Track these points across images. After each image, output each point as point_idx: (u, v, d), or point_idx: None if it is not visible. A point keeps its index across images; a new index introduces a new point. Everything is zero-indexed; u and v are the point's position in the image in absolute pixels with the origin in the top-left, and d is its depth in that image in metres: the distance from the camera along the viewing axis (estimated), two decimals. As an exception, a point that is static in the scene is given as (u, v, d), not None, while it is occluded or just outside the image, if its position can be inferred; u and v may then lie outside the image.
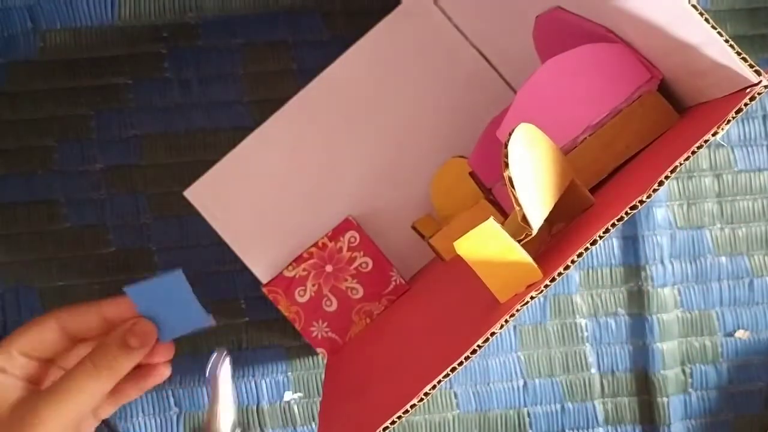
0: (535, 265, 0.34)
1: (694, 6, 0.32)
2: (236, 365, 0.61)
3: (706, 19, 0.32)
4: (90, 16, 0.60)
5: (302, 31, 0.61)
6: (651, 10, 0.36)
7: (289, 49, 0.61)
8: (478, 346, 0.31)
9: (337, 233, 0.57)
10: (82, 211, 0.60)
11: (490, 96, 0.58)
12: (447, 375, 0.32)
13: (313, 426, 0.62)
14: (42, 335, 0.45)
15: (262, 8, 0.61)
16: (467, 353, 0.31)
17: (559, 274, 0.32)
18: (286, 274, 0.56)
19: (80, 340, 0.46)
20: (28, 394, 0.44)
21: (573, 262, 0.31)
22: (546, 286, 0.32)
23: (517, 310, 0.32)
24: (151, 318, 0.43)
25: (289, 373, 0.61)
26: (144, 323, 0.44)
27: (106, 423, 0.59)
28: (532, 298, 0.32)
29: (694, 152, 0.30)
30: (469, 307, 0.39)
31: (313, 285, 0.56)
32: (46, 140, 0.60)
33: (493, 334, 0.32)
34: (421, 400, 0.32)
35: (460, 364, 0.31)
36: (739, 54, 0.31)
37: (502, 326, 0.32)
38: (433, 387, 0.32)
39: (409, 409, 0.32)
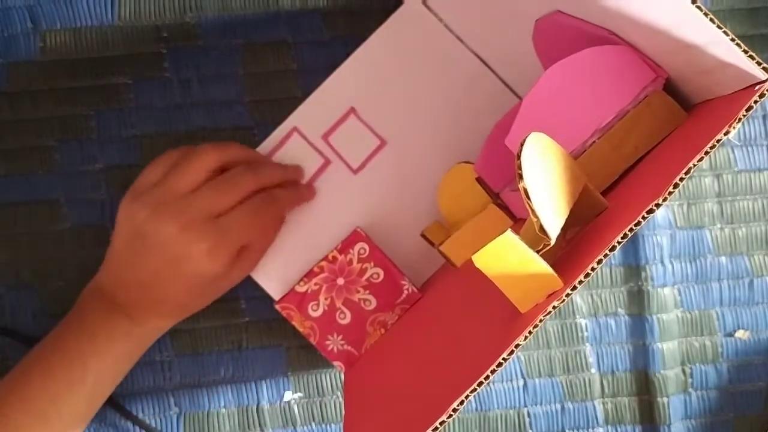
0: (556, 275, 0.34)
1: (698, 7, 0.32)
2: (236, 365, 0.61)
3: (711, 19, 0.32)
4: (90, 16, 0.60)
5: (303, 31, 0.61)
6: (653, 11, 0.36)
7: (290, 49, 0.61)
8: (504, 359, 0.31)
9: (346, 246, 0.56)
10: (82, 211, 0.60)
11: (492, 100, 0.58)
12: (474, 390, 0.31)
13: (313, 426, 0.61)
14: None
15: (263, 8, 0.60)
16: (493, 366, 0.31)
17: (580, 282, 0.32)
18: (298, 289, 0.56)
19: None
20: None
21: (593, 269, 0.31)
22: (567, 295, 0.32)
23: (540, 321, 0.32)
24: None
25: (289, 373, 0.61)
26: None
27: (136, 421, 0.59)
28: (554, 307, 0.32)
29: (707, 152, 0.30)
30: (487, 316, 0.39)
31: (326, 299, 0.56)
32: (46, 140, 0.60)
33: (518, 346, 0.31)
34: (450, 416, 0.31)
35: (486, 378, 0.31)
36: (746, 52, 0.32)
37: (526, 338, 0.32)
38: (461, 402, 0.31)
39: (438, 426, 0.31)
